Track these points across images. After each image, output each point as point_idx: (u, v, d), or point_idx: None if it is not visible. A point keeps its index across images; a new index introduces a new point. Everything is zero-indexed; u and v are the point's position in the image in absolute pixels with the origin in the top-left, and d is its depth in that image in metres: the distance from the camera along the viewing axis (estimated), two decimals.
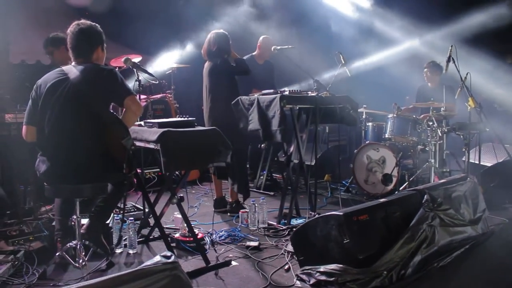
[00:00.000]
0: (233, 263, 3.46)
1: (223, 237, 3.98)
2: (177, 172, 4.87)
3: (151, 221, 3.96)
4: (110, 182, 3.20)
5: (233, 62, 4.70)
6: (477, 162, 5.06)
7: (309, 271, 3.00)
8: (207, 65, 4.81)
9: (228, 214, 4.80)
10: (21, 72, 6.00)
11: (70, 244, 3.13)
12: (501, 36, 7.56)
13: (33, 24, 6.83)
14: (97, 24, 3.30)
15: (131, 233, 3.68)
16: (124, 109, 3.17)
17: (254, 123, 4.27)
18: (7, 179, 4.39)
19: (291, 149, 4.57)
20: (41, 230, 3.85)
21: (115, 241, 3.69)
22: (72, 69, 3.12)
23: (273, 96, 4.16)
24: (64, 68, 3.17)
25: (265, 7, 7.70)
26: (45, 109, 3.08)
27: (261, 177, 6.14)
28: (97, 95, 3.07)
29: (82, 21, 3.25)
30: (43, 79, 3.17)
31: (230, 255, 3.61)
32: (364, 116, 6.15)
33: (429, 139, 5.20)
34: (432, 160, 5.15)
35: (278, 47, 5.00)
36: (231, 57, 4.73)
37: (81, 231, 3.15)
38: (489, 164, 5.37)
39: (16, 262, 3.27)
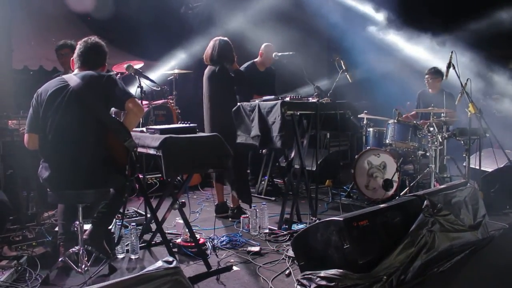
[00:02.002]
0: (234, 268, 3.48)
1: (224, 242, 3.99)
2: (178, 178, 4.89)
3: (153, 226, 3.98)
4: (113, 187, 3.22)
5: (232, 71, 4.72)
6: (477, 167, 5.07)
7: (309, 276, 3.01)
8: (207, 70, 4.84)
9: (230, 219, 4.82)
10: (24, 78, 6.06)
11: (73, 249, 3.15)
12: (503, 41, 7.61)
13: (35, 30, 6.90)
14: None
15: (133, 238, 3.70)
16: (126, 112, 3.21)
17: (255, 129, 4.29)
18: (10, 184, 4.42)
19: (292, 154, 4.59)
20: (44, 236, 3.88)
21: (117, 246, 3.70)
22: (72, 77, 3.18)
23: (274, 102, 4.18)
24: (65, 76, 3.23)
25: (267, 12, 7.76)
26: (46, 116, 3.11)
27: (262, 183, 6.15)
28: (97, 101, 3.11)
29: (95, 37, 3.41)
30: (44, 87, 3.21)
31: (231, 260, 3.63)
32: (365, 122, 6.18)
33: (429, 145, 5.22)
34: (433, 166, 5.17)
35: (279, 54, 5.02)
36: (231, 67, 4.74)
37: (84, 236, 3.18)
38: (489, 170, 5.38)
39: (19, 268, 3.30)
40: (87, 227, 3.31)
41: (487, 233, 3.85)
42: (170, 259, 2.06)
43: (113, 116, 3.29)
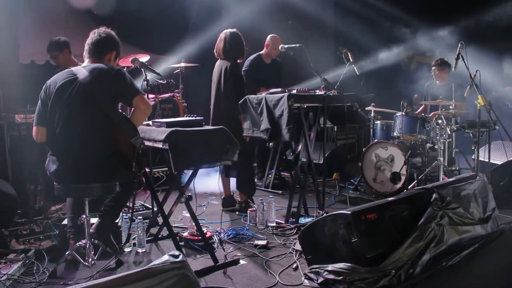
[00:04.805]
0: (241, 261, 3.47)
1: (231, 236, 3.99)
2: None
3: (160, 220, 3.98)
4: (119, 182, 3.22)
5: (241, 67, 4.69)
6: (486, 160, 5.02)
7: (317, 270, 3.00)
8: (220, 64, 4.79)
9: (236, 213, 4.81)
10: (31, 72, 6.08)
11: (80, 243, 3.16)
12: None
13: (42, 25, 6.90)
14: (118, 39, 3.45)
15: (140, 232, 3.71)
16: (133, 109, 3.20)
17: (265, 123, 4.26)
18: (18, 178, 4.44)
19: (299, 147, 4.56)
20: (51, 229, 3.90)
21: (124, 239, 3.71)
22: (81, 70, 3.16)
23: (281, 95, 4.15)
24: (73, 69, 3.21)
25: (272, 4, 7.72)
26: (54, 109, 3.11)
27: (269, 176, 6.14)
28: (105, 95, 3.10)
29: (105, 28, 3.40)
30: (53, 79, 3.21)
31: (238, 254, 3.62)
32: (372, 115, 6.13)
33: (438, 137, 5.16)
34: (441, 158, 5.12)
35: (285, 46, 4.98)
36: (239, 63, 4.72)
37: (91, 230, 3.19)
38: (499, 162, 5.32)
39: (27, 261, 3.32)
40: (94, 220, 3.32)
41: (497, 226, 3.81)
42: (177, 253, 2.04)
43: (120, 110, 3.29)
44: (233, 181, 4.97)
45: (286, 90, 4.28)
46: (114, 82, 3.14)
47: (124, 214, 3.83)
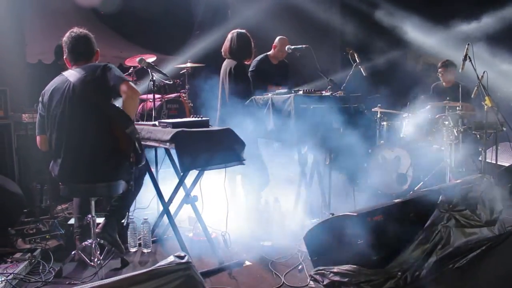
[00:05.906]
0: (247, 262, 3.46)
1: (236, 237, 3.97)
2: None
3: (166, 220, 3.98)
4: (123, 179, 3.22)
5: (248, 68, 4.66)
6: (494, 161, 4.98)
7: (322, 271, 2.99)
8: (225, 63, 4.78)
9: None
10: (38, 72, 6.11)
11: (85, 243, 3.16)
12: None
13: (49, 25, 6.93)
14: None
15: (145, 232, 3.71)
16: (123, 98, 3.17)
17: (269, 123, 4.25)
18: (24, 178, 4.47)
19: (306, 148, 4.54)
20: (57, 229, 3.91)
21: (128, 239, 3.72)
22: (72, 72, 3.20)
23: (287, 96, 4.14)
24: (65, 73, 3.24)
25: (279, 5, 7.71)
26: (51, 113, 3.14)
27: None
28: (96, 91, 3.11)
29: (78, 28, 3.36)
30: (47, 86, 3.25)
31: (244, 255, 3.61)
32: (378, 116, 6.10)
33: (444, 139, 5.13)
34: (448, 160, 5.08)
35: (292, 47, 4.97)
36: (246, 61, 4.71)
37: (97, 230, 3.19)
38: (506, 164, 5.29)
39: (33, 260, 3.33)
40: (100, 220, 3.33)
41: (504, 228, 3.78)
42: (182, 254, 2.05)
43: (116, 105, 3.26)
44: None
45: (293, 91, 4.27)
46: (100, 78, 3.14)
47: (130, 214, 3.83)
